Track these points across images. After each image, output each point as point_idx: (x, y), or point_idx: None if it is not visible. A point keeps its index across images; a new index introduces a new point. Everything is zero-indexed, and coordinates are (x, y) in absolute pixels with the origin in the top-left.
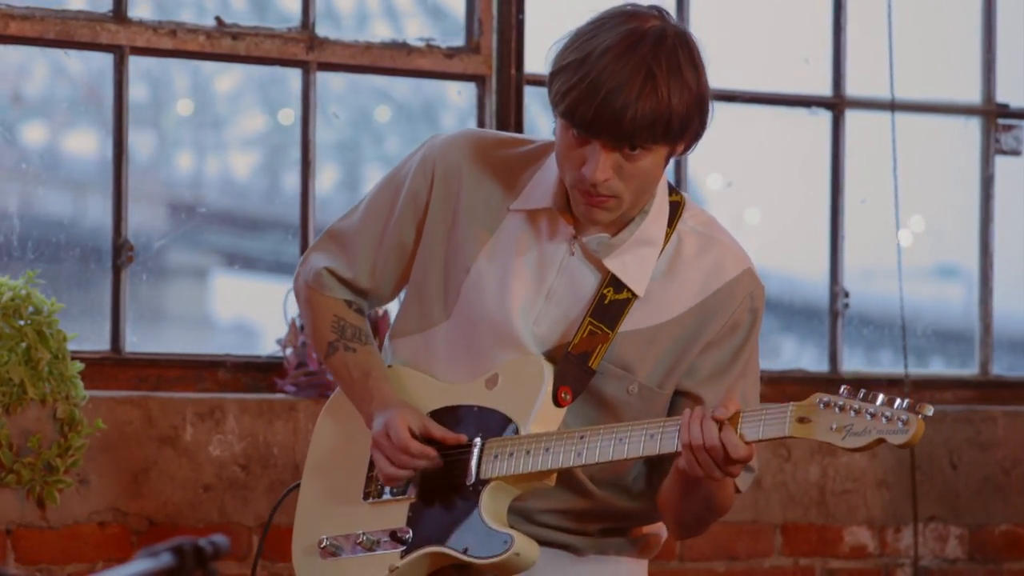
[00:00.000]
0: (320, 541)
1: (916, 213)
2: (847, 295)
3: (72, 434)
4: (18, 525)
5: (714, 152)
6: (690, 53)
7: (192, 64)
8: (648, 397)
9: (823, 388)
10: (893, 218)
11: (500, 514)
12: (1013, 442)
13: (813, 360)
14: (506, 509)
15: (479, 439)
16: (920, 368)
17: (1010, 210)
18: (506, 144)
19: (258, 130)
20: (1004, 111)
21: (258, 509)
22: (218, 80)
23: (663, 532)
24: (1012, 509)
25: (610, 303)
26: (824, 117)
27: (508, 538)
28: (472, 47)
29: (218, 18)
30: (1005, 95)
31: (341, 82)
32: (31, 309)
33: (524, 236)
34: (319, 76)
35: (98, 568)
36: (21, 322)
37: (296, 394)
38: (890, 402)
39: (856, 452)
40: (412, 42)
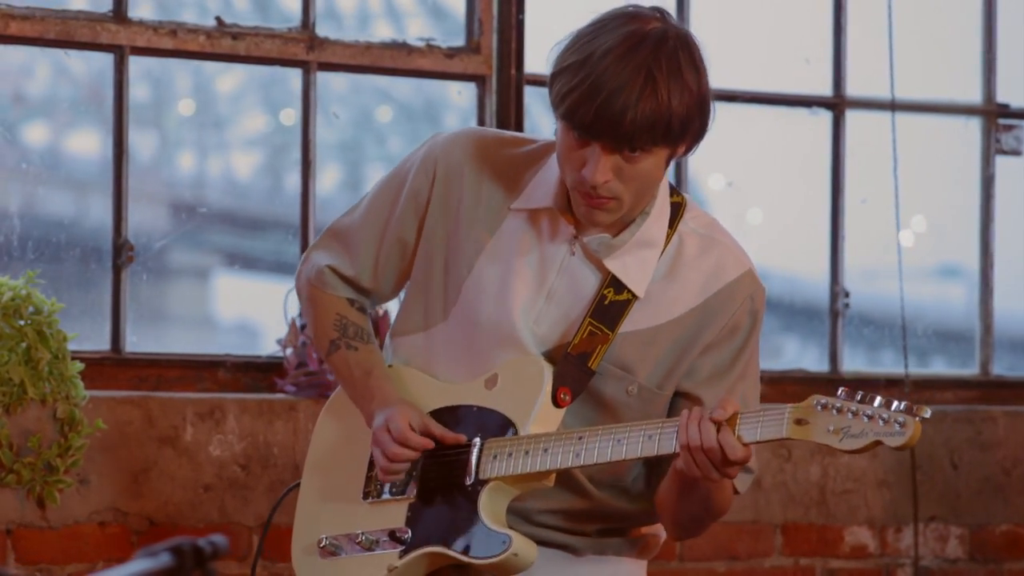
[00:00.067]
0: (319, 540)
1: (918, 213)
2: (847, 295)
3: (72, 434)
4: (18, 525)
5: (715, 152)
6: (691, 55)
7: (194, 64)
8: (647, 398)
9: (823, 388)
10: (894, 218)
11: (499, 514)
12: (1014, 442)
13: (815, 360)
14: (505, 509)
15: (478, 439)
16: (922, 368)
17: (1011, 210)
18: (508, 143)
19: (260, 130)
20: (1004, 111)
21: (258, 509)
22: (220, 80)
23: (662, 533)
24: (1012, 509)
25: (610, 304)
26: (825, 117)
27: (506, 538)
28: (472, 47)
29: (218, 18)
30: (1005, 95)
31: (343, 82)
32: (31, 309)
33: (525, 236)
34: (320, 76)
35: (98, 568)
36: (21, 322)
37: (296, 394)
38: (887, 404)
39: (854, 454)
40: (412, 42)
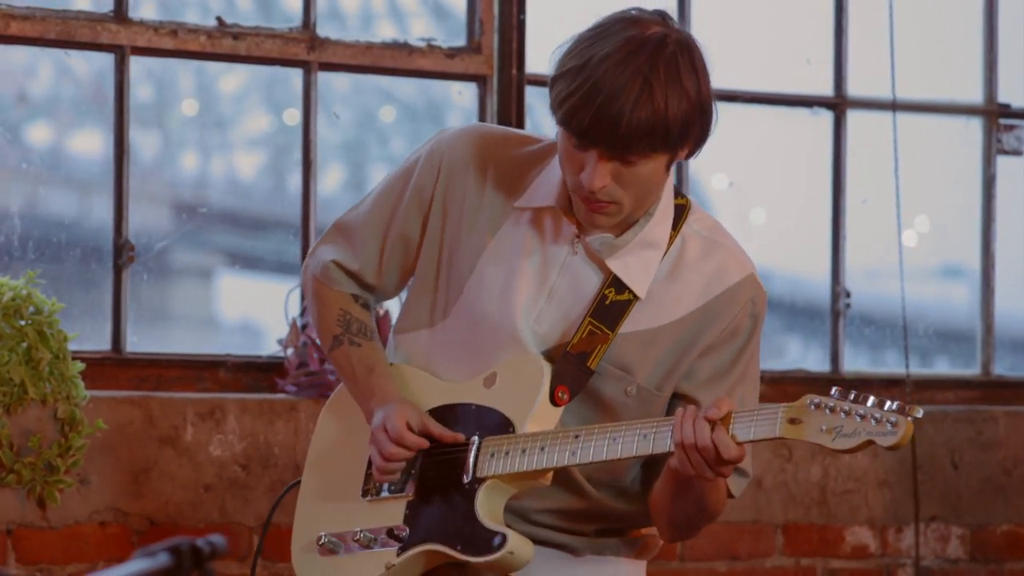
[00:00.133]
0: (319, 538)
1: (921, 213)
2: (848, 295)
3: (73, 434)
4: (19, 525)
5: (715, 153)
6: (691, 59)
7: (197, 64)
8: (646, 399)
9: (824, 389)
10: (895, 218)
11: (496, 513)
12: (1014, 442)
13: (818, 360)
14: (502, 508)
15: (476, 437)
16: (925, 368)
17: (1012, 210)
18: (513, 142)
19: (263, 130)
20: (1006, 111)
21: (259, 509)
22: (223, 80)
23: None
24: (1013, 509)
25: (611, 304)
26: (826, 117)
27: (502, 536)
28: (473, 47)
29: (219, 18)
30: (1007, 95)
31: (345, 82)
32: (32, 309)
33: (527, 234)
34: (322, 76)
35: (98, 568)
36: (22, 322)
37: (297, 394)
38: (880, 404)
39: (846, 453)
40: (413, 42)
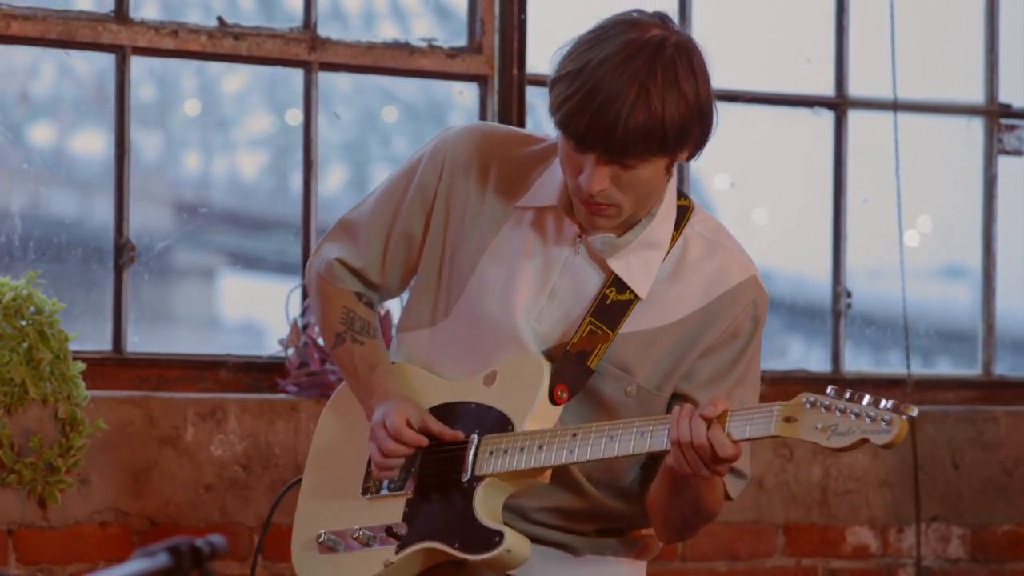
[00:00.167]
0: (318, 536)
1: (924, 213)
2: (849, 295)
3: (73, 434)
4: (19, 525)
5: (716, 153)
6: (690, 62)
7: (199, 64)
8: (646, 399)
9: (823, 389)
10: (896, 218)
11: (494, 511)
12: (1015, 442)
13: (820, 360)
14: (500, 506)
15: (476, 436)
16: (927, 368)
17: (1013, 210)
18: (517, 141)
19: (265, 130)
20: (1007, 111)
21: (259, 509)
22: (225, 80)
23: None
24: (1014, 509)
25: (612, 303)
26: (827, 117)
27: (500, 534)
28: (474, 47)
29: (220, 18)
30: (1008, 95)
31: (347, 82)
32: (32, 309)
33: (529, 234)
34: (324, 76)
35: (99, 568)
36: (22, 322)
37: (298, 394)
38: (875, 402)
39: (841, 451)
40: (414, 42)
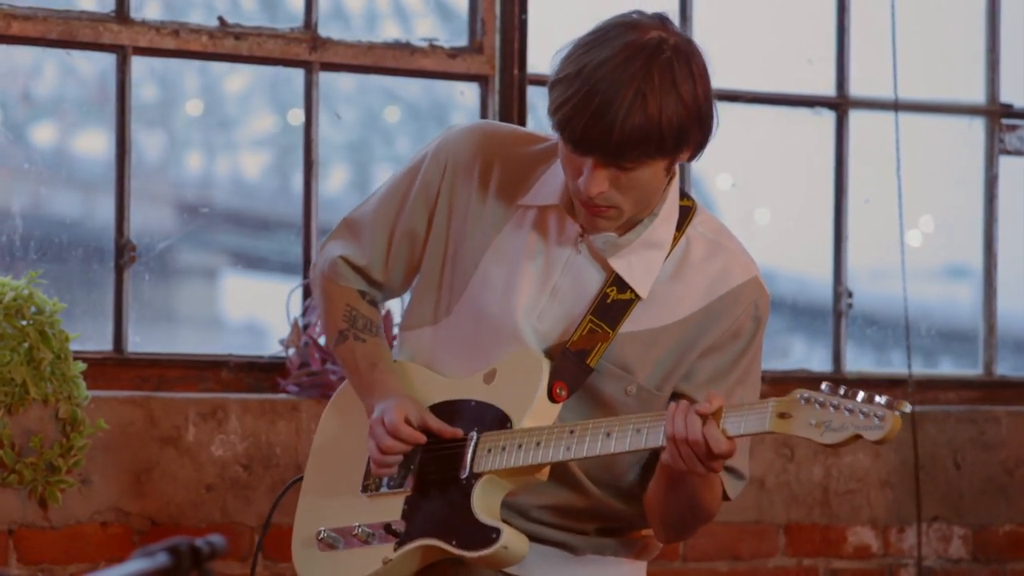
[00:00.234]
0: (318, 533)
1: (927, 213)
2: (851, 295)
3: (74, 434)
4: (20, 525)
5: (717, 153)
6: (687, 64)
7: (202, 64)
8: (647, 399)
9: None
10: (897, 218)
11: (492, 508)
12: (1017, 442)
13: (823, 360)
14: (499, 503)
15: (475, 433)
16: (929, 368)
17: (1014, 210)
18: (520, 140)
19: (268, 130)
20: (1008, 111)
21: (260, 509)
22: (228, 80)
23: None
24: (1016, 509)
25: (612, 302)
26: (828, 117)
27: (497, 531)
28: (475, 47)
29: (221, 18)
30: (1009, 95)
31: (350, 82)
32: (33, 309)
33: (532, 233)
34: (327, 76)
35: (100, 568)
36: (23, 322)
37: (299, 394)
38: (869, 399)
39: (835, 448)
40: (415, 42)
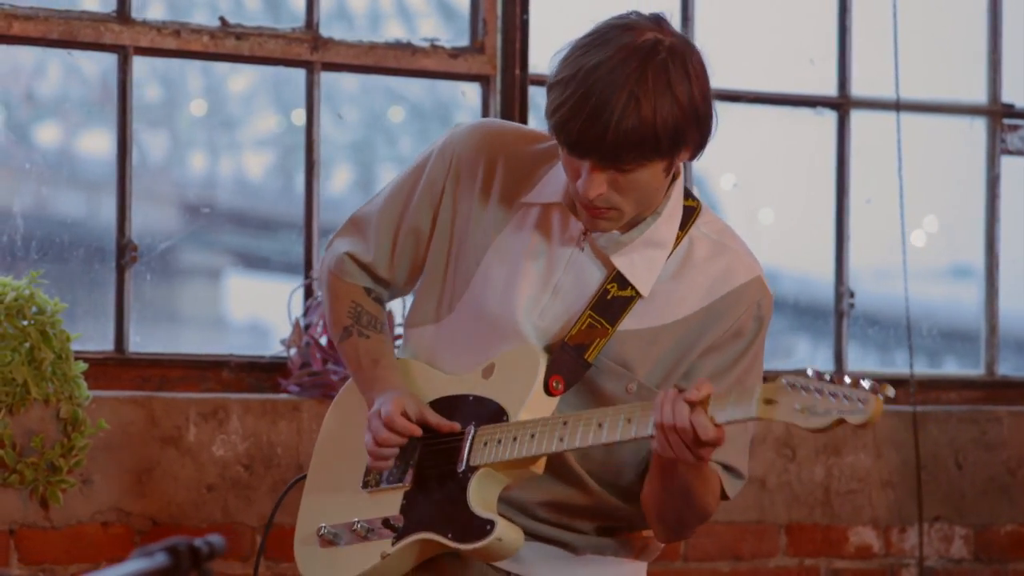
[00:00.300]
0: (319, 529)
1: (930, 213)
2: (852, 295)
3: (75, 434)
4: (21, 525)
5: (719, 153)
6: (684, 65)
7: (205, 64)
8: (647, 397)
9: None
10: (899, 218)
11: (488, 501)
12: (1018, 442)
13: (826, 360)
14: (495, 497)
15: (472, 427)
16: (932, 369)
17: (1016, 210)
18: (525, 139)
19: (271, 130)
20: (1010, 111)
21: (261, 509)
22: (231, 80)
23: None
24: (1017, 509)
25: (612, 299)
26: (829, 117)
27: (491, 523)
28: (476, 47)
29: (222, 18)
30: (1010, 95)
31: (353, 82)
32: (34, 309)
33: (535, 230)
34: (329, 76)
35: (100, 568)
36: (24, 322)
37: (300, 394)
38: (854, 383)
39: (819, 432)
40: (417, 42)
